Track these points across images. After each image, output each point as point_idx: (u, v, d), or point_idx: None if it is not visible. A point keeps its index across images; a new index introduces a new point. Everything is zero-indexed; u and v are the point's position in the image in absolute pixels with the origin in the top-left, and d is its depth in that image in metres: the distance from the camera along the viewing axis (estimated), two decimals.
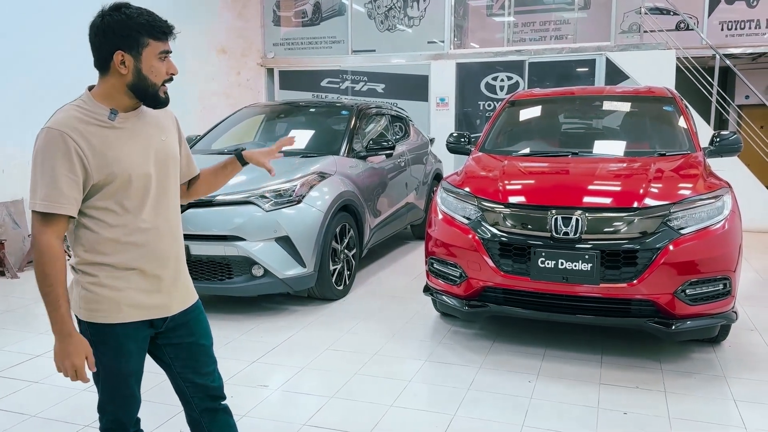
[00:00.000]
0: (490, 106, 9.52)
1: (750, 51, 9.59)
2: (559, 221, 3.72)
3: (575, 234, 3.68)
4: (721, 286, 3.64)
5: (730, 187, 4.03)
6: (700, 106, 8.60)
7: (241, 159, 2.19)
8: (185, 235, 2.15)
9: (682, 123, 4.79)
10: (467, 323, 4.51)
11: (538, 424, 3.12)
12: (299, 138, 6.12)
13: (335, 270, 5.09)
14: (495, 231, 3.89)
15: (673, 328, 3.60)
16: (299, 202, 4.77)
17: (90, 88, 1.88)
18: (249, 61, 10.53)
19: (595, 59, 8.96)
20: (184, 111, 8.77)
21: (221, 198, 4.62)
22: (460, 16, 10.58)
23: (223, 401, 2.14)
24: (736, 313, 3.81)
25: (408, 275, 5.95)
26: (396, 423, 3.15)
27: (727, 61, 9.15)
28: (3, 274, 5.97)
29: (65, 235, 1.84)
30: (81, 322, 1.89)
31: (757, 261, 6.43)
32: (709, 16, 9.54)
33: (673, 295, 3.57)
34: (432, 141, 7.94)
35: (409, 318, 4.70)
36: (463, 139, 5.23)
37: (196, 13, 9.15)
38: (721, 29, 9.59)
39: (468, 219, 4.04)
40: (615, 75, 8.77)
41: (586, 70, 9.04)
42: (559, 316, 3.88)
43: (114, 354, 1.89)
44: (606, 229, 3.69)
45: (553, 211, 3.77)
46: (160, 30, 1.83)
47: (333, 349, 4.13)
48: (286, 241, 4.63)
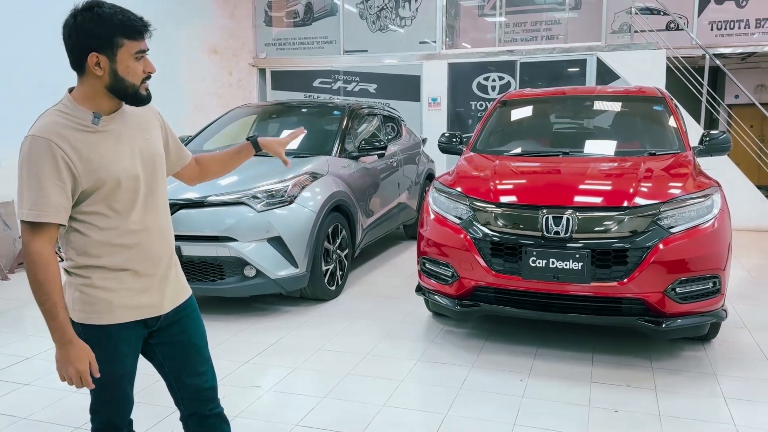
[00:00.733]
0: (482, 106, 9.55)
1: (739, 51, 9.67)
2: (550, 221, 3.74)
3: (566, 233, 3.70)
4: (710, 285, 3.67)
5: (719, 186, 4.06)
6: (690, 105, 8.65)
7: (256, 146, 2.20)
8: (177, 236, 2.14)
9: (672, 122, 4.83)
10: (459, 323, 4.53)
11: (529, 422, 3.13)
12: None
13: (328, 270, 5.09)
14: (486, 231, 3.90)
15: (664, 326, 3.62)
16: (291, 202, 4.77)
17: (70, 90, 1.84)
18: (241, 62, 10.51)
19: (586, 59, 9.00)
20: (176, 111, 8.74)
21: (213, 199, 4.61)
22: (452, 16, 10.60)
23: (216, 406, 2.11)
24: (725, 311, 3.84)
25: (400, 275, 5.95)
26: (388, 423, 3.15)
27: (717, 61, 9.22)
28: None
29: (57, 238, 1.81)
30: (74, 324, 1.86)
31: (746, 259, 6.48)
32: (698, 16, 9.61)
33: (663, 294, 3.60)
34: (424, 141, 7.96)
35: (401, 318, 4.71)
36: (454, 139, 5.24)
37: (187, 13, 9.12)
38: (711, 29, 9.66)
39: (460, 219, 4.05)
40: (606, 75, 8.81)
41: (577, 70, 9.08)
42: (551, 315, 3.90)
43: (107, 355, 1.87)
44: (596, 229, 3.72)
45: (544, 210, 3.79)
46: (135, 29, 1.76)
47: (325, 349, 4.13)
48: (278, 242, 4.63)
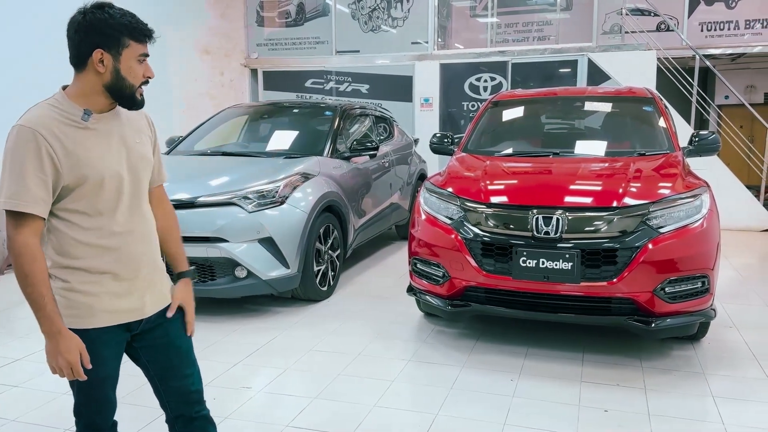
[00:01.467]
0: (473, 106, 9.57)
1: (729, 52, 9.73)
2: (540, 221, 3.75)
3: (556, 233, 3.72)
4: (699, 284, 3.69)
5: (708, 186, 4.09)
6: (680, 106, 8.70)
7: (180, 276, 2.11)
8: None
9: (661, 123, 4.85)
10: (451, 323, 4.54)
11: (520, 422, 3.14)
12: (283, 138, 6.13)
13: (319, 271, 5.09)
14: (477, 231, 3.91)
15: (653, 325, 3.64)
16: (282, 203, 4.77)
17: (64, 88, 1.86)
18: (232, 62, 10.48)
19: (577, 60, 9.03)
20: (167, 112, 8.72)
21: (204, 199, 4.60)
22: (444, 16, 10.62)
23: (202, 409, 2.10)
24: (714, 310, 3.86)
25: (392, 276, 5.96)
26: (379, 423, 3.16)
27: (707, 62, 9.28)
28: None
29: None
30: None
31: (735, 259, 6.52)
32: (688, 17, 9.67)
33: (652, 293, 3.62)
34: (416, 141, 7.97)
35: (393, 318, 4.72)
36: (446, 140, 5.25)
37: (179, 13, 9.09)
38: (701, 30, 9.73)
39: (451, 219, 4.06)
40: (597, 75, 8.85)
41: (569, 70, 9.12)
42: (541, 315, 3.92)
43: (89, 359, 1.85)
44: (586, 229, 3.73)
45: (534, 210, 3.80)
46: (142, 33, 1.84)
47: (317, 349, 4.13)
48: (269, 242, 4.62)
